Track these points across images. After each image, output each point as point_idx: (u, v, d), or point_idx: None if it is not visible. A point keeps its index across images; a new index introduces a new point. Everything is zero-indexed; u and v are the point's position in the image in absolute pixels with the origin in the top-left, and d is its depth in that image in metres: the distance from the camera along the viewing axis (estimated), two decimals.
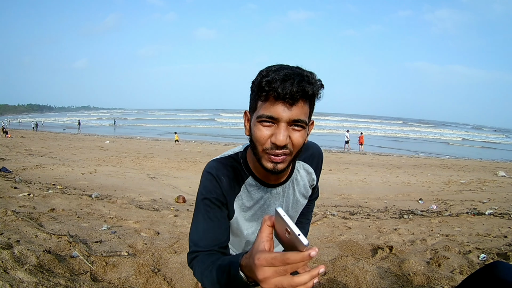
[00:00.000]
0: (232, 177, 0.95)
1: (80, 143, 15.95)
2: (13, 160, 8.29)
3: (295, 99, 0.76)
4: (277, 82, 0.75)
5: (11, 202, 3.14)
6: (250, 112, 0.87)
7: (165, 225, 2.94)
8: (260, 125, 0.80)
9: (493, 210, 4.19)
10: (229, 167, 0.96)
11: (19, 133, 21.56)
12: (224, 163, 0.97)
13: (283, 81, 0.75)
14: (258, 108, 0.81)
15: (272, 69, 0.79)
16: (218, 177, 0.93)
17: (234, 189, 0.96)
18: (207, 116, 61.85)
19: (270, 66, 0.81)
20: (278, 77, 0.76)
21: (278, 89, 0.75)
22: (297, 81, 0.75)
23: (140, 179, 6.90)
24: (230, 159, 0.98)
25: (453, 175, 8.87)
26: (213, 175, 0.93)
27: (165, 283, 1.70)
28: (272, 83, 0.75)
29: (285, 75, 0.76)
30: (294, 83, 0.75)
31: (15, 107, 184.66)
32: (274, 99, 0.77)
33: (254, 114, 0.83)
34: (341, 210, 4.54)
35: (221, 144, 17.83)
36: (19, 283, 1.34)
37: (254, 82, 0.82)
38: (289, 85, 0.74)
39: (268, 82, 0.76)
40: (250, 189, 0.98)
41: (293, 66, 0.81)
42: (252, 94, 0.85)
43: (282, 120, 0.78)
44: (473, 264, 1.95)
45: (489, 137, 34.79)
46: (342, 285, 1.75)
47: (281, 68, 0.79)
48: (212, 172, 0.94)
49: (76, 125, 31.83)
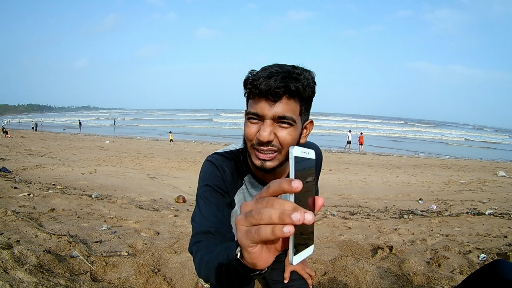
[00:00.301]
0: (234, 170, 0.95)
1: (80, 143, 15.95)
2: (13, 160, 8.29)
3: (277, 95, 0.76)
4: (260, 79, 0.75)
5: (11, 202, 3.14)
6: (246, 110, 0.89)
7: (165, 225, 2.93)
8: (249, 122, 0.82)
9: (493, 210, 4.19)
10: (232, 161, 0.96)
11: (19, 133, 21.56)
12: (227, 157, 0.96)
13: (266, 78, 0.75)
14: (248, 106, 0.83)
15: (263, 68, 0.79)
16: (221, 167, 0.92)
17: (237, 182, 0.95)
18: (207, 116, 61.85)
19: (265, 66, 0.82)
20: (263, 74, 0.76)
21: (260, 86, 0.75)
22: (280, 77, 0.75)
23: (140, 179, 6.90)
24: (232, 154, 0.98)
25: (453, 175, 8.87)
26: (216, 165, 0.92)
27: (165, 283, 1.70)
28: (255, 81, 0.76)
29: (270, 72, 0.76)
30: (277, 79, 0.75)
31: (15, 107, 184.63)
32: (258, 96, 0.78)
33: (245, 111, 0.85)
34: (341, 210, 4.54)
35: (221, 144, 17.84)
36: (19, 283, 1.34)
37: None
38: (272, 82, 0.74)
39: (252, 80, 0.77)
40: (249, 187, 0.98)
41: (287, 65, 0.80)
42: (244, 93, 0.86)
43: (266, 117, 0.78)
44: (473, 264, 1.94)
45: (491, 137, 34.71)
46: (342, 285, 1.75)
47: (272, 66, 0.79)
48: (215, 162, 0.93)
49: (76, 125, 31.84)
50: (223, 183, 0.91)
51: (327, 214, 3.98)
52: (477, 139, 32.51)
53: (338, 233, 2.98)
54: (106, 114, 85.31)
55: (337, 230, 3.14)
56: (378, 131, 36.18)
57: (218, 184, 0.90)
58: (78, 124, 31.65)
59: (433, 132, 37.85)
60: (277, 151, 0.82)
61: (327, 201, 5.38)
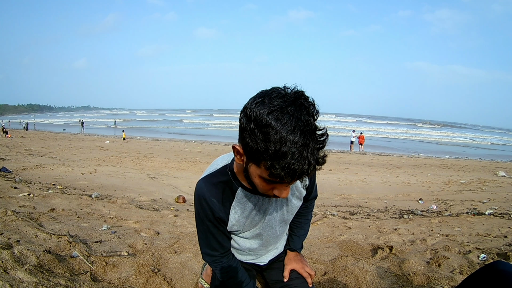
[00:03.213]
0: (222, 195, 0.98)
1: (80, 143, 15.96)
2: (13, 160, 8.29)
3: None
4: (290, 176, 0.70)
5: (11, 202, 3.14)
6: (245, 153, 0.78)
7: (165, 225, 2.93)
8: (263, 181, 0.79)
9: (493, 210, 4.19)
10: (218, 184, 0.98)
11: (19, 133, 21.56)
12: (212, 182, 0.98)
13: (299, 176, 0.71)
14: (263, 168, 0.74)
15: (282, 133, 0.67)
16: (208, 200, 0.96)
17: (226, 204, 0.99)
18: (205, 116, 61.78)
19: (276, 117, 0.68)
20: (290, 169, 0.69)
21: (289, 178, 0.72)
22: (313, 163, 0.71)
23: (140, 179, 6.90)
24: (218, 175, 0.99)
25: (453, 175, 8.87)
26: (203, 199, 0.96)
27: (165, 283, 1.70)
28: (285, 177, 0.71)
29: (300, 154, 0.68)
30: (311, 167, 0.70)
31: (15, 107, 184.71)
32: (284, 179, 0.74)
33: (254, 166, 0.77)
34: (341, 210, 4.54)
35: (221, 144, 17.83)
36: (19, 283, 1.34)
37: (261, 143, 0.69)
38: (306, 170, 0.70)
39: (281, 174, 0.70)
40: (243, 200, 0.99)
41: (299, 114, 0.69)
42: (251, 140, 0.72)
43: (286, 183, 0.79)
44: (473, 264, 1.94)
45: (493, 139, 34.22)
46: (342, 285, 1.75)
47: (293, 131, 0.67)
48: (202, 195, 0.97)
49: (77, 125, 31.83)
50: (212, 216, 0.98)
51: (327, 214, 3.98)
52: (482, 141, 31.47)
53: (338, 233, 2.98)
54: (106, 114, 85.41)
55: (337, 230, 3.15)
56: (377, 132, 36.05)
57: (210, 218, 0.99)
58: (80, 124, 31.64)
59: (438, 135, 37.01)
60: None
61: (327, 201, 5.38)
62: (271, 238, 1.13)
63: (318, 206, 4.76)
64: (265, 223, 1.05)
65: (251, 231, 1.06)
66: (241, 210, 1.00)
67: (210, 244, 1.04)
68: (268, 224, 1.06)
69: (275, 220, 1.07)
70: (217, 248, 1.04)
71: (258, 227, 1.06)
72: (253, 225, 1.05)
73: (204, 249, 1.06)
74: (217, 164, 1.02)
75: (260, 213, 1.02)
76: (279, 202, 1.04)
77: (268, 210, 1.03)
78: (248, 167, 0.80)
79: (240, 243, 1.13)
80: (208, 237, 1.03)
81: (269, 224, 1.07)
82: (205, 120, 48.81)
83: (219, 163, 1.02)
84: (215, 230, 1.01)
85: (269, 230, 1.09)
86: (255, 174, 0.79)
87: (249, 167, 0.79)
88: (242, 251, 1.17)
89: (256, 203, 1.00)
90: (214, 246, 1.04)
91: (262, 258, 1.23)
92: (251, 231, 1.07)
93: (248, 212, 1.00)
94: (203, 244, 1.05)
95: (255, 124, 0.70)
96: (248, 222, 1.02)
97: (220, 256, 1.06)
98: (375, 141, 23.65)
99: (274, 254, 1.26)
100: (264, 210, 1.02)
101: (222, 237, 1.03)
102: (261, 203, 1.01)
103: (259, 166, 0.75)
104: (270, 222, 1.06)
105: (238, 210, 0.99)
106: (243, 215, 1.01)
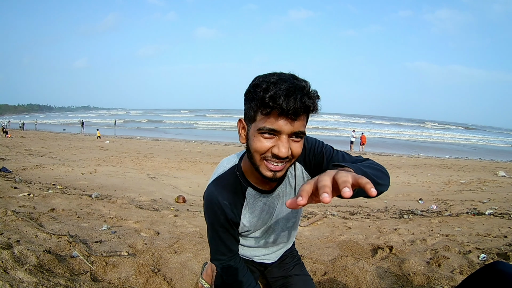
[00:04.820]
0: (233, 197, 0.98)
1: (80, 143, 15.95)
2: (13, 160, 8.29)
3: (298, 114, 0.77)
4: (281, 98, 0.75)
5: (11, 202, 3.14)
6: (246, 121, 0.86)
7: (165, 225, 2.93)
8: (261, 137, 0.81)
9: (493, 210, 4.19)
10: (229, 186, 0.98)
11: (19, 133, 21.56)
12: (223, 184, 0.99)
13: (286, 96, 0.75)
14: (259, 121, 0.80)
15: (271, 81, 0.78)
16: (221, 203, 0.97)
17: (238, 206, 1.00)
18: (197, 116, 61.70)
19: (267, 76, 0.80)
20: (280, 92, 0.75)
21: (282, 105, 0.75)
22: (299, 96, 0.75)
23: (140, 179, 6.91)
24: (226, 176, 1.00)
25: (453, 175, 8.86)
26: (215, 203, 0.97)
27: (165, 283, 1.70)
28: (276, 99, 0.75)
29: (287, 89, 0.75)
30: (297, 99, 0.75)
31: (15, 107, 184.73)
32: (278, 115, 0.77)
33: (253, 124, 0.82)
34: (341, 210, 4.54)
35: (221, 144, 17.83)
36: (19, 283, 1.34)
37: (253, 94, 0.80)
38: (292, 102, 0.75)
39: (271, 98, 0.75)
40: (252, 200, 1.01)
41: (289, 75, 0.80)
42: (249, 103, 0.83)
43: (283, 133, 0.79)
44: (473, 264, 1.94)
45: (493, 139, 34.13)
46: (342, 285, 1.75)
47: (280, 79, 0.78)
48: (213, 199, 0.97)
49: (76, 125, 31.82)
50: (225, 219, 0.99)
51: (327, 214, 3.98)
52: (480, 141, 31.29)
53: (338, 233, 2.98)
54: (107, 114, 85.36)
55: (337, 230, 3.15)
56: (377, 133, 36.02)
57: (221, 222, 0.99)
58: (80, 124, 31.62)
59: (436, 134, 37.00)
60: (288, 161, 0.85)
61: None
62: (280, 234, 1.14)
63: (318, 206, 4.76)
64: (274, 220, 1.07)
65: (261, 229, 1.09)
66: (252, 210, 1.02)
67: (219, 249, 1.06)
68: (276, 220, 1.08)
69: (283, 216, 1.09)
70: (225, 252, 1.07)
71: (267, 225, 1.08)
72: (263, 223, 1.06)
73: (213, 253, 1.09)
74: (224, 166, 1.03)
75: (269, 211, 1.04)
76: (285, 198, 1.05)
77: (276, 206, 1.05)
78: (249, 134, 0.84)
79: (251, 243, 1.15)
80: (217, 242, 1.05)
81: (278, 221, 1.09)
82: (192, 121, 48.27)
83: (226, 165, 1.03)
84: (224, 234, 1.03)
85: (278, 226, 1.11)
86: (254, 132, 0.82)
87: (250, 132, 0.84)
88: (252, 249, 1.19)
89: (265, 203, 1.02)
90: (222, 250, 1.06)
91: (271, 255, 1.24)
92: (261, 230, 1.09)
93: (259, 211, 1.02)
94: (212, 248, 1.09)
95: (251, 86, 0.82)
96: (259, 221, 1.05)
97: (227, 259, 1.08)
98: (375, 141, 23.66)
99: (283, 250, 1.27)
100: (273, 207, 1.04)
101: (230, 241, 1.06)
102: (269, 201, 1.02)
103: (255, 118, 0.81)
104: (279, 218, 1.08)
105: (249, 211, 1.01)
106: (254, 215, 1.02)
